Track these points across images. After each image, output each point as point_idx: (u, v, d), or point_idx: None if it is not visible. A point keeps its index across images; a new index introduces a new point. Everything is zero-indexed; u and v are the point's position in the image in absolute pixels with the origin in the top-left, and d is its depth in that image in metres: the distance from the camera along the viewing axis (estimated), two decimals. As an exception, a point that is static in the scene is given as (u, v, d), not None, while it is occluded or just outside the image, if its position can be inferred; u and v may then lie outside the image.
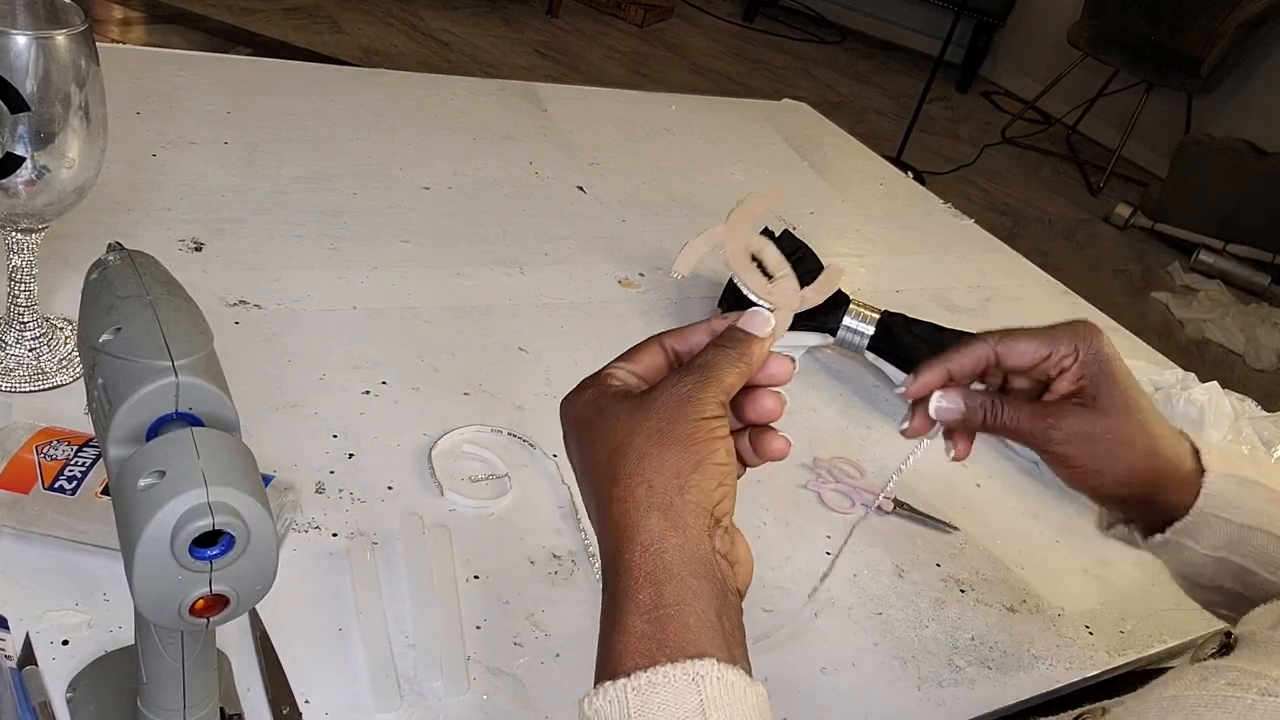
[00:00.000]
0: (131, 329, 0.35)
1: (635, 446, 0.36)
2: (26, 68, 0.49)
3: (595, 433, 0.37)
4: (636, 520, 0.35)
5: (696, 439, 0.36)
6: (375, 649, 0.48)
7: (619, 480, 0.35)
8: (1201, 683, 0.37)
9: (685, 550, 0.34)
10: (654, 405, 0.36)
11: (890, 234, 1.11)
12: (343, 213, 0.83)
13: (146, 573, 0.32)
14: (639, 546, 0.34)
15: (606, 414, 0.37)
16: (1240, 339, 2.72)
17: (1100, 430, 0.46)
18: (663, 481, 0.35)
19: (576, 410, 0.38)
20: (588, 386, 0.39)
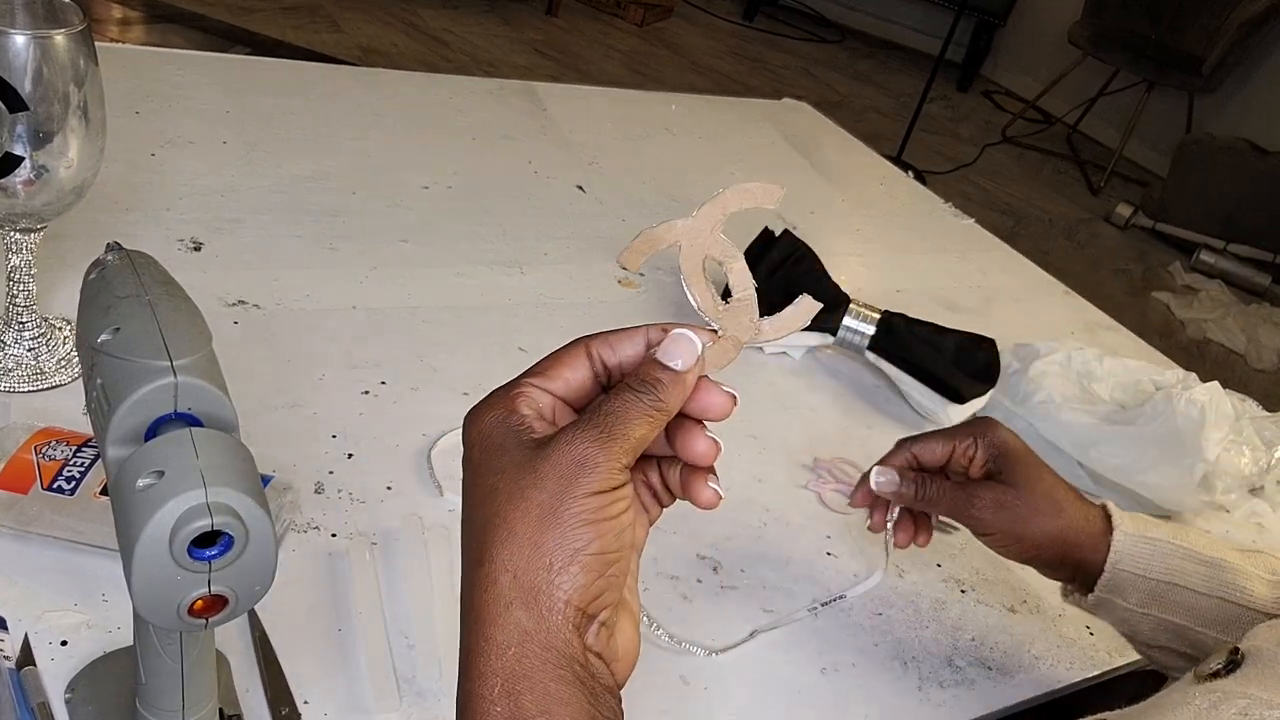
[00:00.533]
0: (130, 329, 0.35)
1: (508, 523, 0.30)
2: (25, 67, 0.49)
3: (480, 480, 0.32)
4: (496, 614, 0.30)
5: (580, 522, 0.30)
6: (374, 649, 0.48)
7: (484, 561, 0.31)
8: (1211, 710, 0.37)
9: (550, 652, 0.30)
10: (542, 472, 0.30)
11: (891, 233, 1.11)
12: (342, 212, 0.83)
13: (145, 573, 0.32)
14: (496, 648, 0.30)
15: (495, 462, 0.32)
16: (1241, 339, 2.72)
17: (1010, 499, 0.53)
18: (530, 574, 0.30)
19: (474, 435, 0.33)
20: (494, 406, 0.33)
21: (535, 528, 0.30)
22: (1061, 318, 1.05)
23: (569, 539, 0.30)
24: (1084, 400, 0.79)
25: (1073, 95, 3.74)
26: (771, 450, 0.72)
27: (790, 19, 4.42)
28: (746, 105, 1.35)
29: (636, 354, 0.35)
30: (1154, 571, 0.53)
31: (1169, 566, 0.53)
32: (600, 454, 0.31)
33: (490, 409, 0.33)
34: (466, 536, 0.32)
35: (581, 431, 0.31)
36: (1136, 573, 0.53)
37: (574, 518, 0.30)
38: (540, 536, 0.30)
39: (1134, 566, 0.53)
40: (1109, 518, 0.54)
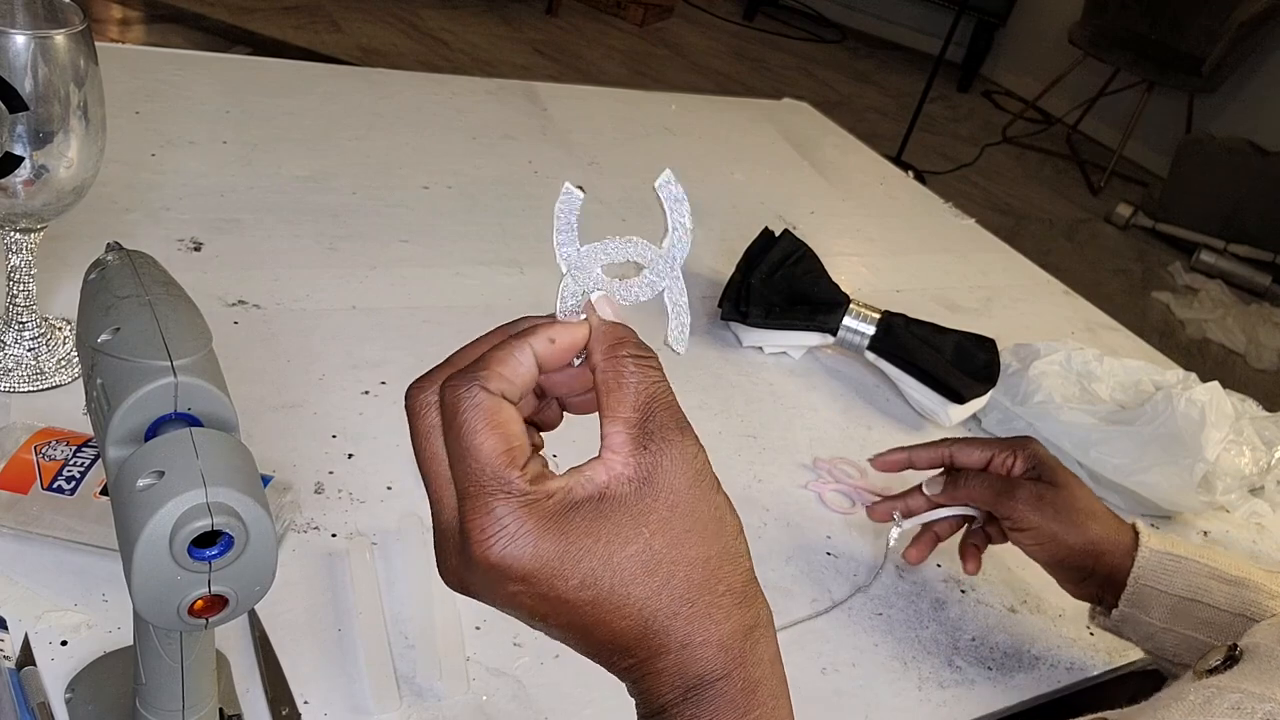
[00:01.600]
0: (130, 329, 0.35)
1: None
2: (25, 67, 0.49)
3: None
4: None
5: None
6: (374, 649, 0.48)
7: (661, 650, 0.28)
8: (1205, 706, 0.37)
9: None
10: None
11: (891, 234, 1.11)
12: (342, 212, 0.83)
13: (145, 573, 0.32)
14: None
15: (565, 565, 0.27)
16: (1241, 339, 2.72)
17: (1050, 495, 0.55)
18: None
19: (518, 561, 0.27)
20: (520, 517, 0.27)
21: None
22: (1061, 318, 1.05)
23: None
24: (1084, 400, 0.79)
25: (1073, 95, 3.74)
26: (771, 450, 0.72)
27: (790, 19, 4.42)
28: (747, 105, 1.35)
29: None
30: (1176, 588, 0.54)
31: (1191, 584, 0.54)
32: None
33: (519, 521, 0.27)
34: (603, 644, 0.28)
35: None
36: (1159, 588, 0.54)
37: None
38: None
39: (1157, 582, 0.54)
40: (1137, 534, 0.56)
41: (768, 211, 1.06)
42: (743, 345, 0.82)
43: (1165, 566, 0.54)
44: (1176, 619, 0.54)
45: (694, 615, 0.28)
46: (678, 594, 0.28)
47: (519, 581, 0.27)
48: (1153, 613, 0.54)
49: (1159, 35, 3.47)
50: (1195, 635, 0.53)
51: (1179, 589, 0.54)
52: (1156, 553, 0.55)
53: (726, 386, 0.77)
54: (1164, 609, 0.54)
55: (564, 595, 0.27)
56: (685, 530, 0.28)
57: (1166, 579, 0.54)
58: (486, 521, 0.27)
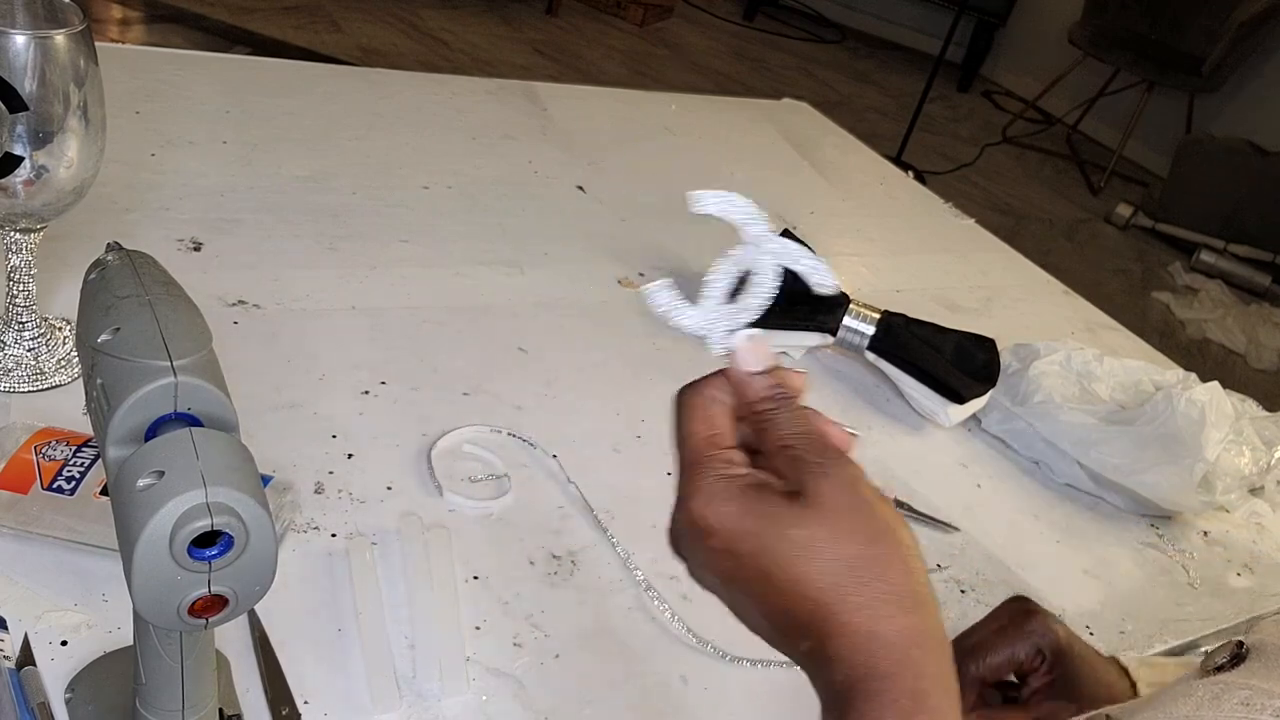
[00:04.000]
0: (130, 329, 0.35)
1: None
2: (25, 67, 0.49)
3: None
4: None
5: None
6: (374, 650, 0.48)
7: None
8: (1214, 701, 0.37)
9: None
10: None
11: (891, 234, 1.11)
12: (342, 212, 0.83)
13: (145, 573, 0.32)
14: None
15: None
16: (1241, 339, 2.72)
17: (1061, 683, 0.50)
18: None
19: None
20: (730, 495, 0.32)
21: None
22: (1061, 318, 1.05)
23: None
24: (1084, 400, 0.79)
25: (1073, 95, 3.74)
26: (771, 450, 0.72)
27: (790, 19, 4.42)
28: (747, 105, 1.35)
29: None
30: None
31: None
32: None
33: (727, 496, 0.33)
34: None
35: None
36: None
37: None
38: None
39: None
40: (1129, 675, 0.52)
41: (768, 211, 1.06)
42: (743, 345, 0.82)
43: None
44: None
45: (861, 604, 0.31)
46: (845, 577, 0.31)
47: (712, 535, 0.32)
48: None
49: (1159, 35, 3.47)
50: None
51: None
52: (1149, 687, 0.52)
53: (726, 386, 0.77)
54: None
55: (745, 556, 0.32)
56: (850, 529, 0.32)
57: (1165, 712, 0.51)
58: (691, 486, 0.33)
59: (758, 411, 0.35)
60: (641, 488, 0.64)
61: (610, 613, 0.55)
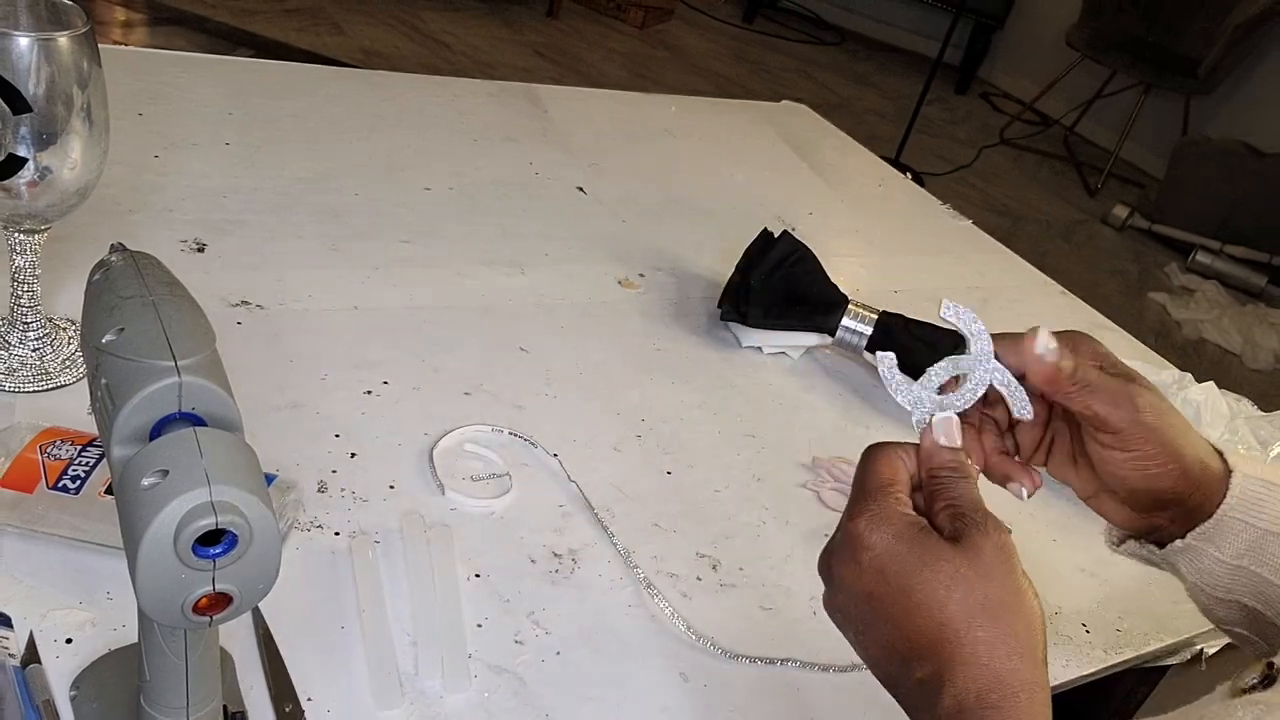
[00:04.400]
0: (134, 329, 0.35)
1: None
2: (29, 69, 0.49)
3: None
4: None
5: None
6: (377, 647, 0.49)
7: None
8: None
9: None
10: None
11: (889, 235, 1.11)
12: (344, 213, 0.84)
13: (150, 571, 0.32)
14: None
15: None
16: (1237, 339, 2.73)
17: (1165, 409, 0.46)
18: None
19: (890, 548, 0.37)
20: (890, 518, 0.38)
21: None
22: (1058, 318, 1.06)
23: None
24: (1081, 400, 0.79)
25: (1070, 97, 3.75)
26: (770, 450, 0.72)
27: (789, 21, 4.43)
28: (746, 107, 1.35)
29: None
30: (1264, 520, 0.46)
31: (1278, 515, 0.46)
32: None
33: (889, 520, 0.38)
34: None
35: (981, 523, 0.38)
36: (1247, 520, 0.46)
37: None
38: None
39: (1246, 513, 0.46)
40: (1221, 457, 0.47)
41: (767, 213, 1.06)
42: (742, 345, 0.82)
43: (1259, 496, 0.46)
44: (1251, 555, 0.46)
45: (987, 640, 0.35)
46: (979, 613, 0.35)
47: (867, 550, 0.37)
48: (1227, 548, 0.47)
49: (1156, 38, 3.47)
50: (1260, 571, 0.47)
51: (1265, 522, 0.46)
52: (1251, 479, 0.47)
53: (726, 386, 0.77)
54: (1243, 543, 0.46)
55: (891, 575, 0.36)
56: (994, 576, 0.36)
57: (1257, 510, 0.46)
58: (860, 508, 0.38)
59: (938, 477, 0.39)
60: (642, 486, 0.65)
61: (611, 610, 0.55)
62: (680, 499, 0.65)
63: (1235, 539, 0.47)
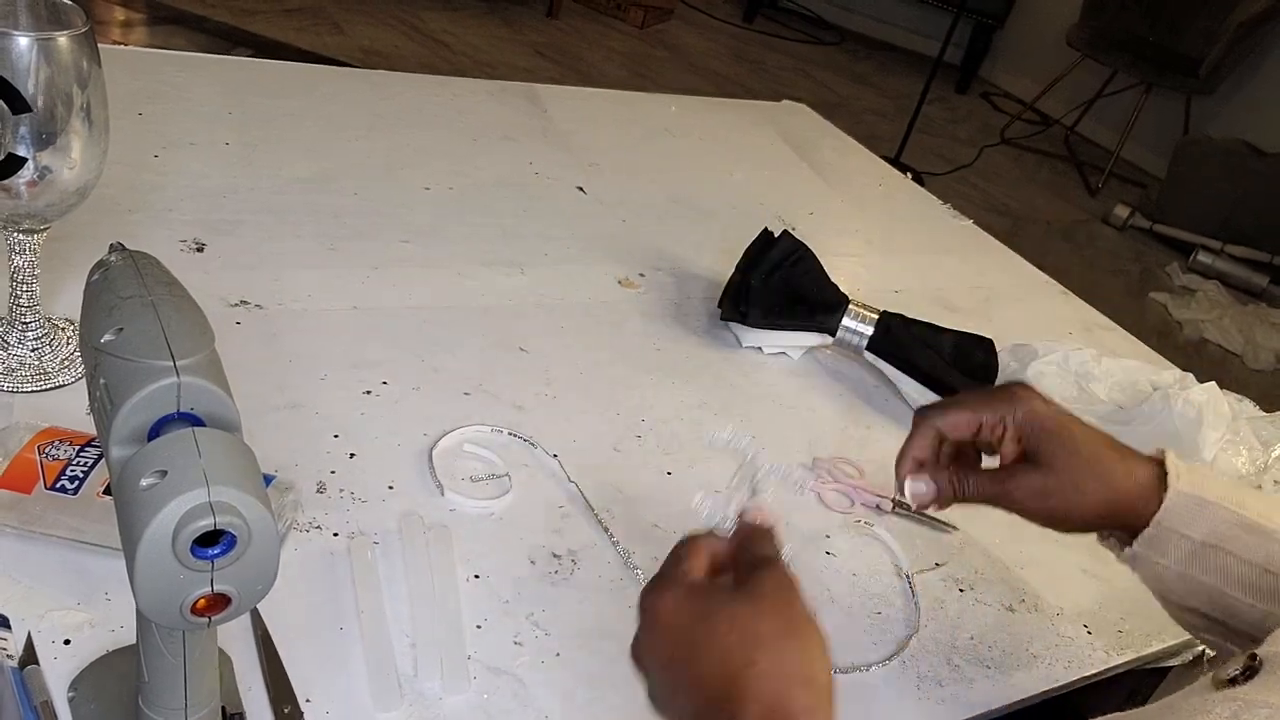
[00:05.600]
0: (133, 329, 0.35)
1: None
2: (28, 69, 0.49)
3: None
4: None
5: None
6: (376, 648, 0.49)
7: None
8: (1233, 719, 0.36)
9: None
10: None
11: (889, 235, 1.11)
12: (343, 213, 0.84)
13: (148, 572, 0.32)
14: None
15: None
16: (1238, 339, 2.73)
17: (1051, 485, 0.51)
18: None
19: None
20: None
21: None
22: (1059, 318, 1.05)
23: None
24: (1081, 400, 0.79)
25: (1071, 97, 3.74)
26: (771, 450, 0.72)
27: (789, 21, 4.43)
28: (746, 107, 1.35)
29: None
30: (1200, 533, 0.49)
31: (1216, 530, 0.49)
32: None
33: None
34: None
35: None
36: (1182, 532, 0.50)
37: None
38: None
39: (1181, 526, 0.50)
40: (1164, 473, 0.51)
41: (767, 212, 1.06)
42: (742, 346, 0.82)
43: (1192, 511, 0.50)
44: (1193, 564, 0.50)
45: (764, 670, 0.37)
46: (758, 651, 0.38)
47: (658, 618, 0.40)
48: (1168, 555, 0.50)
49: (1157, 37, 3.47)
50: (1208, 580, 0.50)
51: (1202, 534, 0.49)
52: (1184, 496, 0.50)
53: (726, 387, 0.77)
54: (1182, 553, 0.50)
55: (680, 630, 0.39)
56: (771, 612, 0.39)
57: (1191, 524, 0.49)
58: (652, 583, 0.42)
59: (743, 544, 0.43)
60: (641, 487, 0.64)
61: (611, 612, 0.55)
62: (680, 499, 0.65)
63: (1175, 549, 0.50)
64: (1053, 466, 0.51)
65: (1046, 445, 0.51)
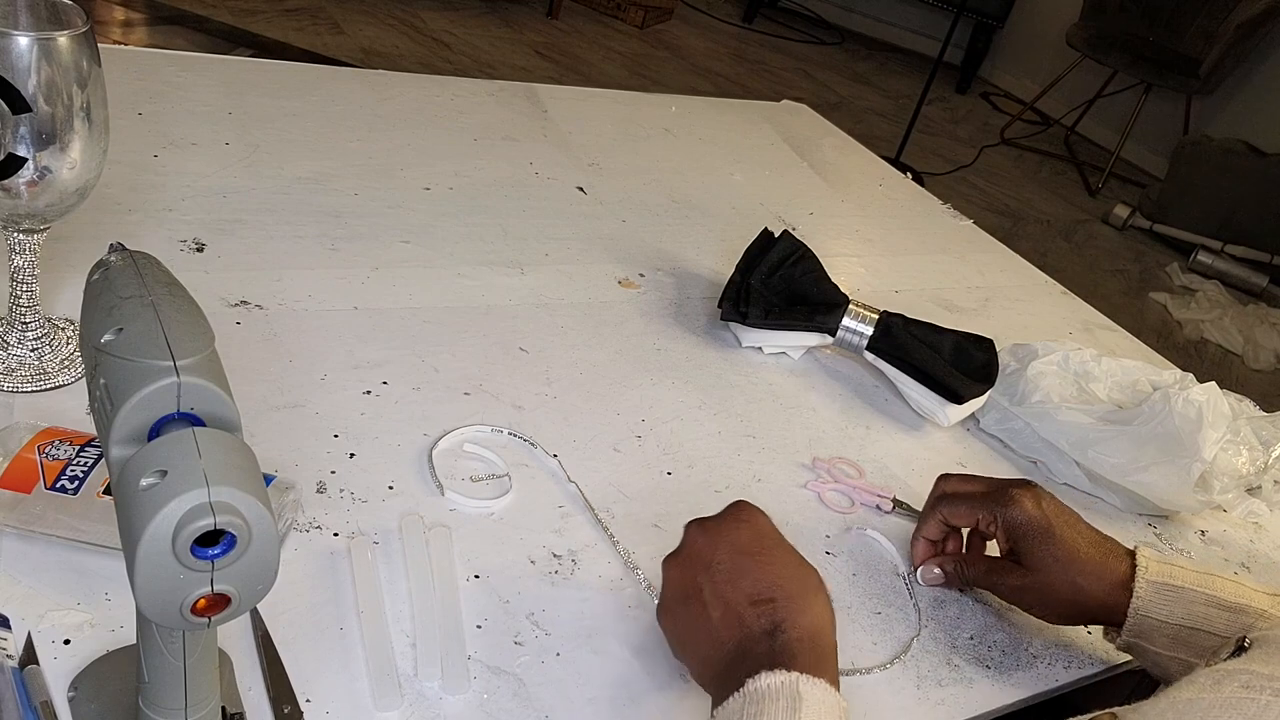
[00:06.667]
0: (133, 329, 0.35)
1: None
2: (29, 69, 0.49)
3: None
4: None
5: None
6: (376, 648, 0.49)
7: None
8: (1215, 686, 0.38)
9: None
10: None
11: (889, 234, 1.11)
12: (344, 213, 0.84)
13: (148, 572, 0.32)
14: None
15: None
16: (1238, 339, 2.73)
17: (1030, 584, 0.58)
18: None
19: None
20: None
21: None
22: (1059, 318, 1.05)
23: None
24: (1081, 400, 0.79)
25: (1071, 97, 3.74)
26: (771, 450, 0.72)
27: (789, 21, 4.43)
28: (746, 107, 1.35)
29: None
30: (1177, 617, 0.55)
31: (1192, 613, 0.55)
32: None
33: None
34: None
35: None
36: (1159, 619, 0.55)
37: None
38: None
39: (1156, 613, 0.55)
40: (1135, 566, 0.57)
41: (767, 212, 1.06)
42: (742, 345, 0.82)
43: (1164, 598, 0.55)
44: (1179, 647, 0.55)
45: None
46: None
47: (755, 520, 0.50)
48: (1156, 641, 0.55)
49: (1157, 37, 3.47)
50: (1198, 662, 0.53)
51: (1179, 619, 0.55)
52: (1154, 584, 0.56)
53: (726, 386, 0.77)
54: (1166, 638, 0.55)
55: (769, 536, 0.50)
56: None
57: (1166, 610, 0.55)
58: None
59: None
60: (641, 487, 0.64)
61: (611, 612, 0.55)
62: (680, 499, 0.65)
63: (1159, 635, 0.56)
64: (1030, 567, 0.58)
65: (1026, 546, 0.58)
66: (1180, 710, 0.38)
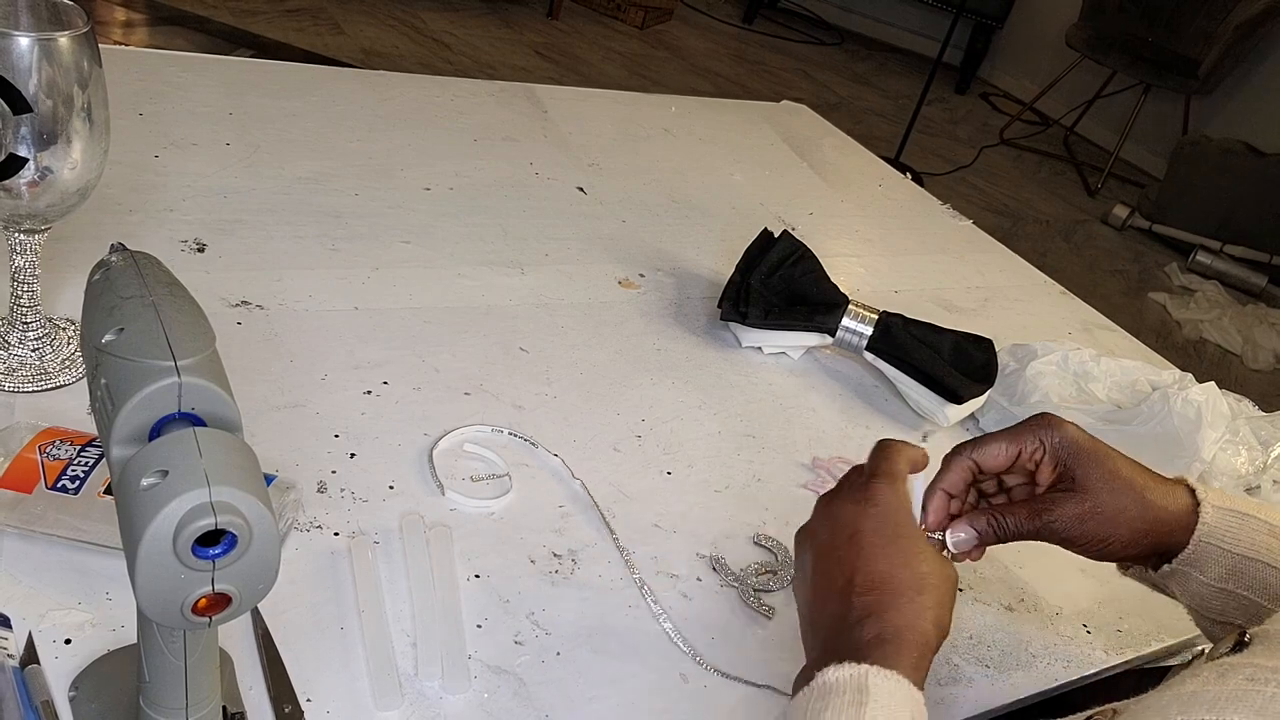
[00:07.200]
0: (134, 329, 0.35)
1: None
2: (29, 69, 0.49)
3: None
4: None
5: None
6: (376, 647, 0.49)
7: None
8: (1219, 679, 0.38)
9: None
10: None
11: (889, 235, 1.11)
12: (344, 213, 0.84)
13: (149, 572, 0.32)
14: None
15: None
16: (1237, 339, 2.73)
17: (1090, 509, 0.51)
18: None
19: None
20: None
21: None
22: (1058, 318, 1.06)
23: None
24: (1080, 400, 0.79)
25: (1070, 97, 3.75)
26: (770, 450, 0.72)
27: (789, 21, 4.43)
28: (746, 107, 1.35)
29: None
30: (1240, 546, 0.51)
31: (1255, 542, 0.51)
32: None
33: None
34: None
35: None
36: (1222, 546, 0.51)
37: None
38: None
39: (1220, 540, 0.51)
40: (1192, 492, 0.52)
41: (767, 213, 1.06)
42: (742, 345, 0.82)
43: (1229, 523, 0.51)
44: (1232, 578, 0.51)
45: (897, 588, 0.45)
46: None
47: (875, 505, 0.48)
48: (1209, 571, 0.51)
49: (1156, 38, 3.47)
50: (1246, 594, 0.51)
51: (1242, 548, 0.51)
52: (1220, 510, 0.51)
53: (726, 386, 0.77)
54: (1222, 568, 0.51)
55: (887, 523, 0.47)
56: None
57: (1231, 538, 0.51)
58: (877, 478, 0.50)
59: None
60: (641, 487, 0.64)
61: (611, 611, 0.55)
62: (680, 499, 0.65)
63: (1215, 564, 0.51)
64: (1093, 489, 0.51)
65: (1085, 468, 0.51)
66: (1185, 703, 0.37)
